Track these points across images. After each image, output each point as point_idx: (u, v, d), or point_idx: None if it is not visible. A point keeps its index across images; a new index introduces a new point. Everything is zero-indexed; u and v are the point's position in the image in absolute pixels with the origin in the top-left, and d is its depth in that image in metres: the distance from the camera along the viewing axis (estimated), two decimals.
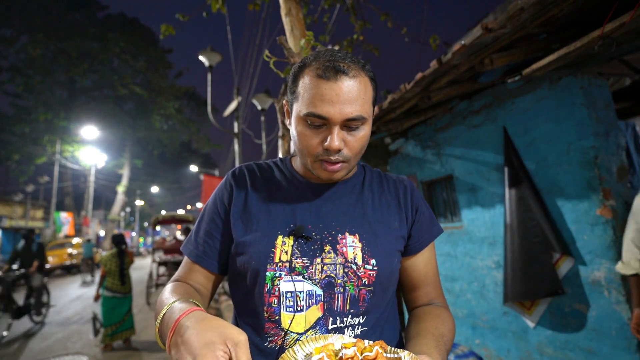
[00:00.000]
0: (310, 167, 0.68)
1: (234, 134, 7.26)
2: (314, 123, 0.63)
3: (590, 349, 1.94)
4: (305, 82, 0.65)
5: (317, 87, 0.62)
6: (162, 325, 0.56)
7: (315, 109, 0.62)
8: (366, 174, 0.82)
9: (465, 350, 2.34)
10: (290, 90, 0.69)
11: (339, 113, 0.61)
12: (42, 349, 4.37)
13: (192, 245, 0.76)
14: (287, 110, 0.73)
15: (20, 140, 18.52)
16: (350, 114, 0.62)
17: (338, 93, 0.61)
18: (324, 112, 0.61)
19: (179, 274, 0.75)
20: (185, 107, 26.01)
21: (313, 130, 0.64)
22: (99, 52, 19.99)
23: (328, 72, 0.62)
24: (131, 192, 33.56)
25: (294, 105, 0.68)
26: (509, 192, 2.29)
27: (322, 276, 0.67)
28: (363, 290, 0.68)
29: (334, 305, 0.66)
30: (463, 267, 2.84)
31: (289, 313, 0.65)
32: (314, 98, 0.62)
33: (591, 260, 1.95)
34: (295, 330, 0.64)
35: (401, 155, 3.57)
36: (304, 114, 0.63)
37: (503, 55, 1.88)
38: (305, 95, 0.64)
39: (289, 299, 0.65)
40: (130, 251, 4.57)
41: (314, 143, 0.64)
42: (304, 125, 0.65)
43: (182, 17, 2.94)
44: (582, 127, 1.97)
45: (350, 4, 3.44)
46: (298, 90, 0.66)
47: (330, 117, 0.61)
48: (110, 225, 22.92)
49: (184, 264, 0.76)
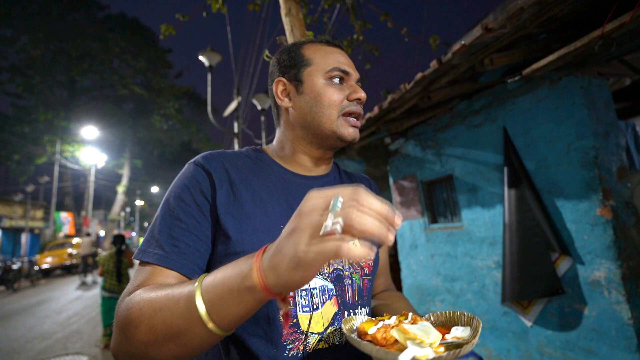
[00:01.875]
0: (335, 126, 0.68)
1: (234, 134, 7.26)
2: (337, 78, 0.69)
3: (590, 349, 1.94)
4: (313, 50, 0.71)
5: (330, 52, 0.71)
6: (215, 302, 0.42)
7: (340, 65, 0.69)
8: (339, 169, 0.85)
9: None
10: (289, 65, 0.72)
11: (354, 71, 0.71)
12: (42, 349, 4.37)
13: (158, 248, 0.57)
14: (286, 89, 0.71)
15: (20, 140, 18.52)
16: (358, 74, 0.73)
17: (346, 57, 0.72)
18: (346, 68, 0.70)
19: (133, 284, 0.55)
20: (185, 107, 26.04)
21: (337, 86, 0.69)
22: (99, 52, 19.99)
23: (333, 43, 0.73)
24: (131, 192, 33.58)
25: (303, 72, 0.70)
26: (509, 192, 2.29)
27: (330, 270, 0.65)
28: (366, 280, 0.69)
29: (346, 298, 0.65)
30: (463, 267, 2.84)
31: (306, 313, 0.60)
32: (332, 58, 0.70)
33: (591, 260, 1.95)
34: (315, 330, 0.60)
35: (401, 155, 3.57)
36: (329, 69, 0.68)
37: (503, 55, 1.88)
38: (320, 58, 0.70)
39: (304, 297, 0.60)
40: (130, 252, 4.57)
41: (339, 97, 0.68)
42: (327, 82, 0.69)
43: (182, 17, 2.94)
44: (582, 127, 1.97)
45: (350, 4, 3.44)
46: (307, 58, 0.70)
47: (352, 73, 0.71)
48: (110, 225, 22.91)
49: (141, 272, 0.57)
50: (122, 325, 0.48)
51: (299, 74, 0.70)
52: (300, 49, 0.72)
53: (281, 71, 0.73)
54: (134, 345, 0.46)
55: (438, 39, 3.43)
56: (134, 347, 0.46)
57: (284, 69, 0.72)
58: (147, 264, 0.57)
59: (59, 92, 21.17)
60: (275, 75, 0.73)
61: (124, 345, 0.48)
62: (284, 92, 0.72)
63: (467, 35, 5.15)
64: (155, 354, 0.45)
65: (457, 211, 2.99)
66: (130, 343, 0.47)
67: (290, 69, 0.71)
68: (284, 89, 0.72)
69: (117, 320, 0.49)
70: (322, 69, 0.69)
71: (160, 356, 0.45)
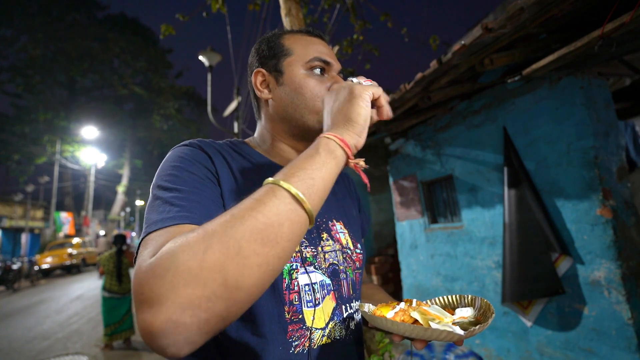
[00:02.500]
0: (320, 116, 0.64)
1: (234, 134, 7.26)
2: (317, 68, 0.66)
3: (590, 349, 1.94)
4: (293, 40, 0.68)
5: (311, 42, 0.68)
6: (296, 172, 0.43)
7: (321, 55, 0.66)
8: None
9: (465, 350, 2.34)
10: (269, 55, 0.68)
11: (335, 62, 0.68)
12: (42, 349, 4.37)
13: (171, 212, 0.48)
14: (265, 80, 0.69)
15: (20, 140, 18.54)
16: (340, 65, 0.70)
17: (327, 48, 0.69)
18: (327, 58, 0.67)
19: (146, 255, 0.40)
20: (185, 107, 26.05)
21: (318, 77, 0.66)
22: (99, 52, 20.01)
23: (314, 33, 0.70)
24: (131, 192, 33.58)
25: (282, 62, 0.67)
26: (509, 192, 2.29)
27: (327, 264, 0.64)
28: (357, 273, 0.70)
29: (342, 293, 0.65)
30: (463, 267, 2.84)
31: (310, 309, 0.59)
32: (312, 48, 0.67)
33: (591, 260, 1.95)
34: (317, 326, 0.59)
35: (401, 155, 3.57)
36: (309, 59, 0.65)
37: (503, 55, 1.88)
38: (301, 48, 0.67)
39: (308, 292, 0.59)
40: (131, 252, 4.56)
41: (322, 89, 0.65)
42: (307, 73, 0.66)
43: (182, 17, 2.94)
44: (582, 127, 1.97)
45: (350, 4, 3.44)
46: (287, 47, 0.67)
47: (333, 63, 0.68)
48: (110, 225, 22.92)
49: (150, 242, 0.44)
50: (163, 275, 0.35)
51: (278, 65, 0.67)
52: (280, 39, 0.69)
53: (260, 62, 0.70)
54: (210, 280, 0.35)
55: (438, 39, 3.43)
56: (208, 284, 0.35)
57: (263, 59, 0.69)
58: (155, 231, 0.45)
59: (59, 92, 21.21)
60: (255, 66, 0.70)
61: (169, 300, 0.34)
62: (264, 84, 0.69)
63: (467, 35, 5.15)
64: (241, 271, 0.36)
65: (457, 211, 2.99)
66: (205, 283, 0.35)
67: (270, 59, 0.68)
68: (263, 79, 0.69)
69: (149, 280, 0.36)
70: (303, 59, 0.66)
71: (250, 272, 0.37)
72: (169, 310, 0.34)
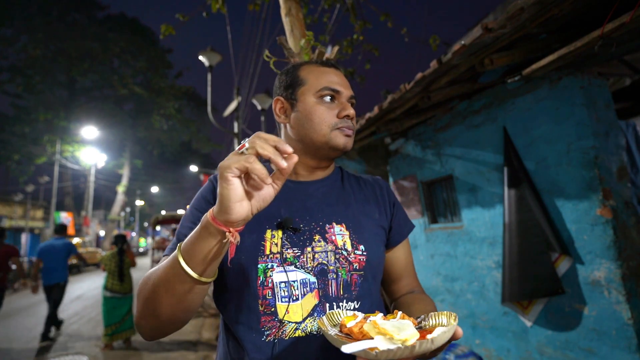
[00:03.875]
0: (327, 138, 0.74)
1: (234, 134, 7.26)
2: (327, 96, 0.75)
3: (590, 349, 1.94)
4: (308, 71, 0.79)
5: (323, 72, 0.78)
6: (188, 251, 0.54)
7: (330, 84, 0.76)
8: (343, 173, 0.89)
9: (465, 350, 2.34)
10: (287, 85, 0.80)
11: (346, 89, 0.77)
12: (42, 349, 4.37)
13: (171, 243, 0.71)
14: (283, 106, 0.81)
15: (20, 140, 18.51)
16: (351, 92, 0.79)
17: (339, 77, 0.79)
18: (337, 87, 0.76)
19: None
20: (185, 107, 25.98)
21: (327, 104, 0.75)
22: (99, 52, 19.97)
23: (326, 63, 0.80)
24: (131, 192, 33.58)
25: (297, 91, 0.78)
26: (509, 192, 2.29)
27: (314, 264, 0.69)
28: (355, 275, 0.71)
29: (328, 291, 0.68)
30: (463, 267, 2.84)
31: (284, 303, 0.66)
32: (324, 78, 0.77)
33: (591, 260, 1.95)
34: (293, 319, 0.65)
35: (401, 155, 3.57)
36: (320, 89, 0.75)
37: (503, 55, 1.88)
38: (314, 78, 0.77)
39: (283, 289, 0.67)
40: (132, 252, 4.57)
41: (330, 115, 0.75)
42: (318, 101, 0.76)
43: (182, 17, 2.94)
44: (582, 127, 1.97)
45: (350, 4, 3.44)
46: (301, 78, 0.78)
47: (343, 91, 0.77)
48: (110, 225, 22.92)
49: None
50: (139, 293, 0.61)
51: (294, 93, 0.78)
52: (297, 70, 0.80)
53: (280, 90, 0.81)
54: (145, 305, 0.58)
55: (438, 39, 3.43)
56: (145, 307, 0.58)
57: (282, 88, 0.81)
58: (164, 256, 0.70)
59: (59, 92, 21.16)
60: (276, 94, 0.82)
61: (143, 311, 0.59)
62: (282, 110, 0.81)
63: (467, 35, 5.15)
64: (156, 306, 0.56)
65: (457, 211, 2.99)
66: (144, 304, 0.58)
67: (288, 88, 0.79)
68: (282, 106, 0.81)
69: (137, 292, 0.62)
70: (314, 88, 0.76)
71: (160, 308, 0.56)
72: (136, 315, 0.61)
